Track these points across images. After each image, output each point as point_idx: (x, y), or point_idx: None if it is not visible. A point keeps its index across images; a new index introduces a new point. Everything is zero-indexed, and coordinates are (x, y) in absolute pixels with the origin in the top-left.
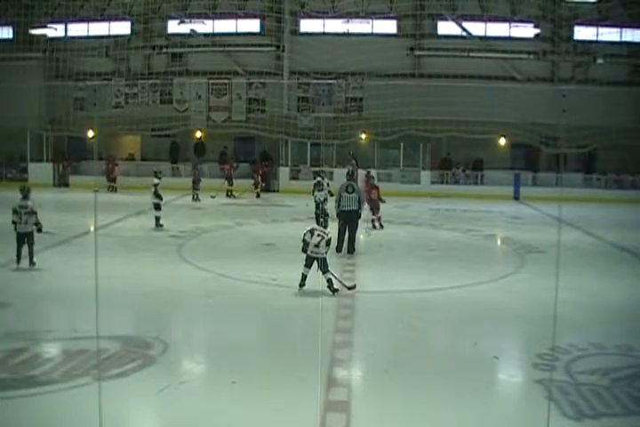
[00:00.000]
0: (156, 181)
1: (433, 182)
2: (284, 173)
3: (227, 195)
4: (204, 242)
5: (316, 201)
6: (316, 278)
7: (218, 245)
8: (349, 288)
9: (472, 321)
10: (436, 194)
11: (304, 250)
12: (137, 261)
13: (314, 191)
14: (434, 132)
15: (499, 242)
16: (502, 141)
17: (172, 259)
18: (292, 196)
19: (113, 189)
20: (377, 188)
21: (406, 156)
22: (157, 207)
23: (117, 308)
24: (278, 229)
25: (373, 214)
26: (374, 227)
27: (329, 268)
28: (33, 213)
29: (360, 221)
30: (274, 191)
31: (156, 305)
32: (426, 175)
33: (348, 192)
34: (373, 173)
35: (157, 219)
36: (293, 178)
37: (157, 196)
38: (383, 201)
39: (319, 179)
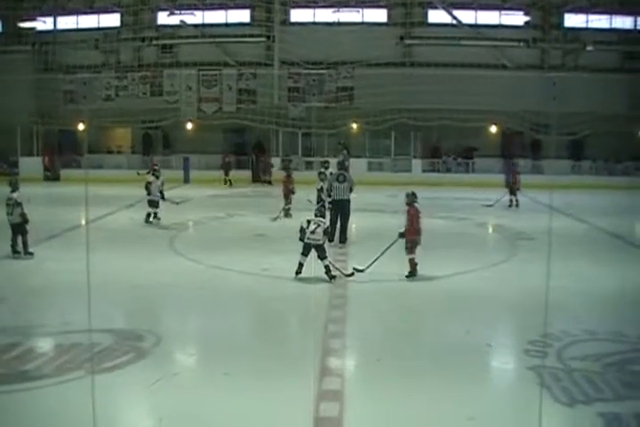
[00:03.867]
0: (150, 178)
1: (424, 171)
2: (274, 163)
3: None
4: (196, 234)
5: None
6: (309, 268)
7: (209, 237)
8: (347, 275)
9: (464, 309)
10: (428, 182)
11: (301, 239)
12: (128, 254)
13: (318, 180)
14: (425, 121)
15: (490, 230)
16: (493, 129)
17: (164, 251)
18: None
19: (50, 178)
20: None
21: (397, 145)
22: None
23: (109, 301)
24: (270, 219)
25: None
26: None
27: (327, 254)
28: (18, 204)
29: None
30: (265, 182)
31: (147, 298)
32: (417, 164)
33: (339, 182)
34: None
35: (149, 215)
36: (284, 168)
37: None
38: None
39: (322, 169)
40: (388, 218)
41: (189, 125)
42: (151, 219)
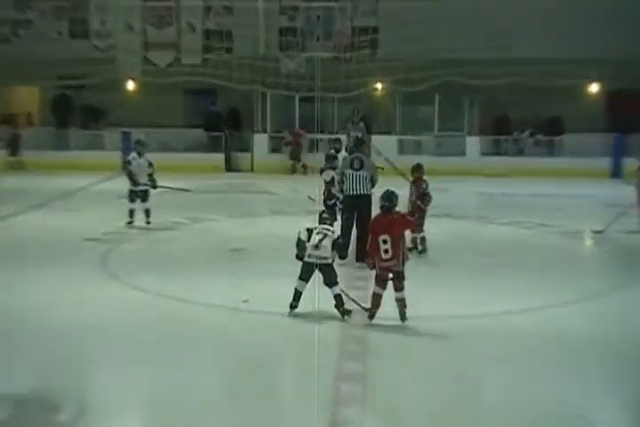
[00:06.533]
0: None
1: (484, 154)
2: (260, 142)
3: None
4: (142, 248)
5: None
6: (310, 299)
7: (162, 253)
8: (368, 310)
9: (543, 363)
10: (490, 171)
11: (299, 256)
12: (40, 278)
13: (323, 170)
14: (485, 78)
15: (587, 243)
16: (593, 89)
17: (93, 274)
18: (273, 177)
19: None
20: None
21: (443, 115)
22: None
23: (11, 352)
24: (253, 226)
25: None
26: None
27: (338, 279)
28: None
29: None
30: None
31: (69, 346)
32: (473, 143)
33: (353, 169)
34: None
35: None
36: (275, 150)
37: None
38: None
39: (332, 151)
40: (430, 224)
41: (130, 85)
42: (133, 218)
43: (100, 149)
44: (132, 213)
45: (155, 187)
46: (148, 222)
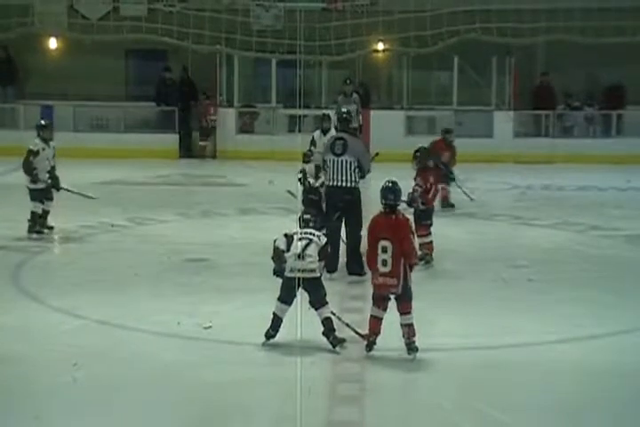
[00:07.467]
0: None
1: (519, 134)
2: (225, 120)
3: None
4: (67, 259)
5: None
6: (290, 325)
7: (94, 266)
8: (365, 337)
9: (604, 408)
10: (526, 157)
11: (277, 271)
12: None
13: (306, 156)
14: (520, 37)
15: None
16: None
17: (4, 293)
18: (243, 164)
19: None
20: None
21: (465, 83)
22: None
23: None
24: (215, 230)
25: None
26: None
27: (326, 298)
28: None
29: None
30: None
31: None
32: (503, 119)
33: (335, 154)
34: None
35: (33, 217)
36: (244, 130)
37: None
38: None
39: (318, 132)
40: (450, 227)
41: (53, 43)
42: (37, 226)
43: (11, 128)
44: (38, 218)
45: (57, 187)
46: (51, 228)
